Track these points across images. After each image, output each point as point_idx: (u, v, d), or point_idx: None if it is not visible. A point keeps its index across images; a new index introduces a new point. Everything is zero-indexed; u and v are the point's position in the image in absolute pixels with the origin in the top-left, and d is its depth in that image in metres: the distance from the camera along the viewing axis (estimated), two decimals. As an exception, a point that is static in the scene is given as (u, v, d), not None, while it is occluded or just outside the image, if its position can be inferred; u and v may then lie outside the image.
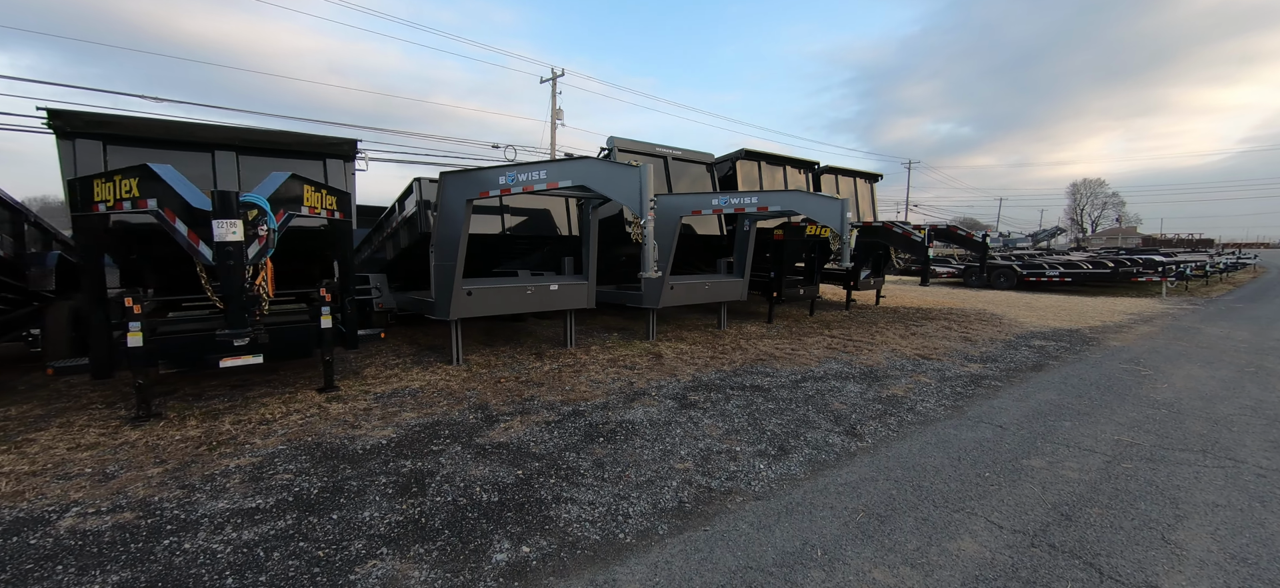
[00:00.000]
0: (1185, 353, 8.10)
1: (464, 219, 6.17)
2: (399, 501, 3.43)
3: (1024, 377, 6.57)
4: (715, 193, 7.43)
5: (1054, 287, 18.15)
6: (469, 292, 6.45)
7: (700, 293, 8.61)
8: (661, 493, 3.53)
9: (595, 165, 5.49)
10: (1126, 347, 8.55)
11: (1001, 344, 8.59)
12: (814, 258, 10.94)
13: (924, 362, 7.25)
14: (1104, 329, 10.22)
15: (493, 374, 6.36)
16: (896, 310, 12.36)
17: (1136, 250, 29.11)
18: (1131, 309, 13.30)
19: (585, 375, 6.31)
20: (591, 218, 7.26)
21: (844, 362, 7.15)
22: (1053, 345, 8.55)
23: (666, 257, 7.85)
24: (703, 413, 5.07)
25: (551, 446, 4.29)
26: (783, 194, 7.26)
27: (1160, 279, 16.19)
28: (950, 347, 8.29)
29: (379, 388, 5.84)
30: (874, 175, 13.83)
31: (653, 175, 5.39)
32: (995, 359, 7.50)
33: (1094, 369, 6.99)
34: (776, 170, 11.06)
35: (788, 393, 5.72)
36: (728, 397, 5.57)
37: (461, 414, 5.01)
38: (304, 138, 5.88)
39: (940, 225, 11.37)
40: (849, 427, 4.74)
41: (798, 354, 7.54)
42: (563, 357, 7.24)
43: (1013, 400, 5.58)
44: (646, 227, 5.35)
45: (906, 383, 6.18)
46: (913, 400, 5.52)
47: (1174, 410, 5.30)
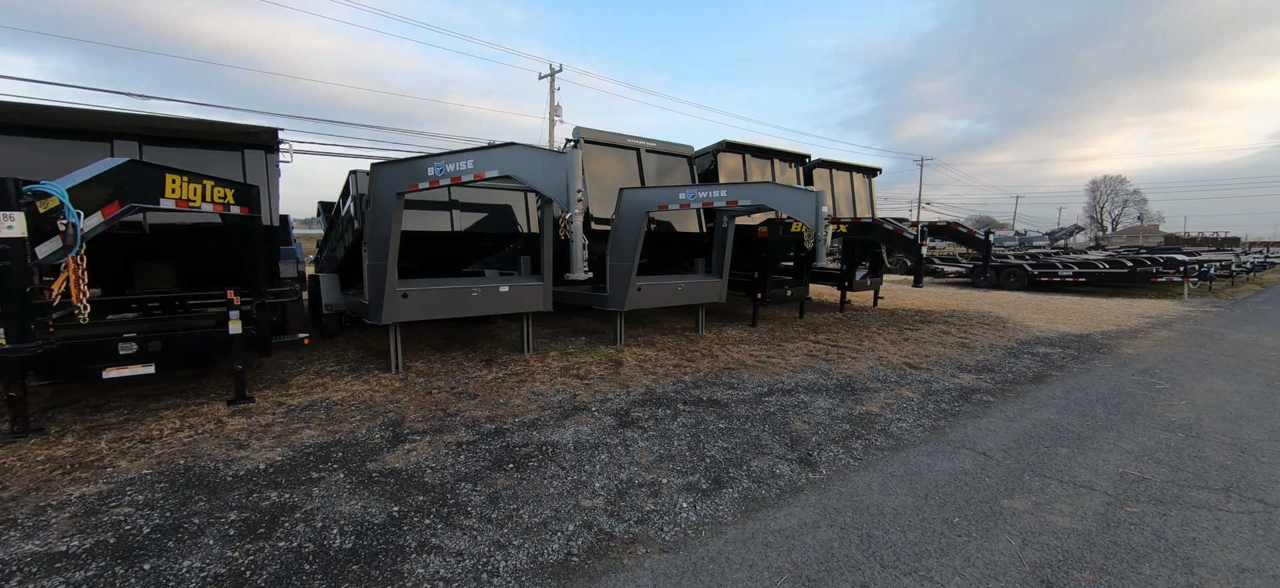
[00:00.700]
0: (1207, 362, 7.24)
1: (395, 214, 5.59)
2: (236, 545, 2.84)
3: (1021, 391, 5.81)
4: (683, 186, 6.78)
5: (1067, 287, 17.12)
6: (404, 294, 5.87)
7: (672, 294, 7.95)
8: (550, 542, 2.89)
9: (521, 153, 4.87)
10: (1141, 355, 7.70)
11: (1001, 352, 7.79)
12: (803, 257, 10.20)
13: (911, 372, 6.51)
14: (1118, 335, 9.35)
15: (429, 385, 5.77)
16: (893, 313, 11.57)
17: (1158, 249, 27.70)
18: (1150, 312, 12.33)
19: (528, 387, 5.70)
20: (547, 213, 6.63)
21: (821, 372, 6.44)
22: (1058, 354, 7.73)
23: (632, 255, 7.20)
24: (641, 434, 4.41)
25: (450, 474, 3.68)
26: (753, 186, 6.58)
27: (1181, 280, 15.12)
28: (944, 354, 7.52)
29: (297, 400, 5.28)
30: (872, 169, 13.02)
31: (581, 164, 4.74)
32: (992, 369, 6.73)
33: (1102, 382, 6.19)
34: (764, 163, 10.34)
35: (746, 409, 5.04)
36: (677, 413, 4.91)
37: (368, 433, 4.42)
38: (216, 126, 5.33)
39: (941, 223, 10.57)
40: (804, 453, 4.06)
41: (772, 362, 6.84)
42: (514, 364, 6.63)
43: (1004, 420, 4.84)
44: (573, 222, 4.70)
45: (885, 397, 5.46)
46: (887, 419, 4.81)
47: (1192, 435, 4.52)
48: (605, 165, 8.10)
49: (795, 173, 10.95)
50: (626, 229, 7.26)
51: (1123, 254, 20.42)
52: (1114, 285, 17.28)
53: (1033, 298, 14.98)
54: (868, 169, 12.92)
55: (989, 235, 10.10)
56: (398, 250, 5.72)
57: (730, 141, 9.56)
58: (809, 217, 6.19)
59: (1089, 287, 17.20)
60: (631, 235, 7.19)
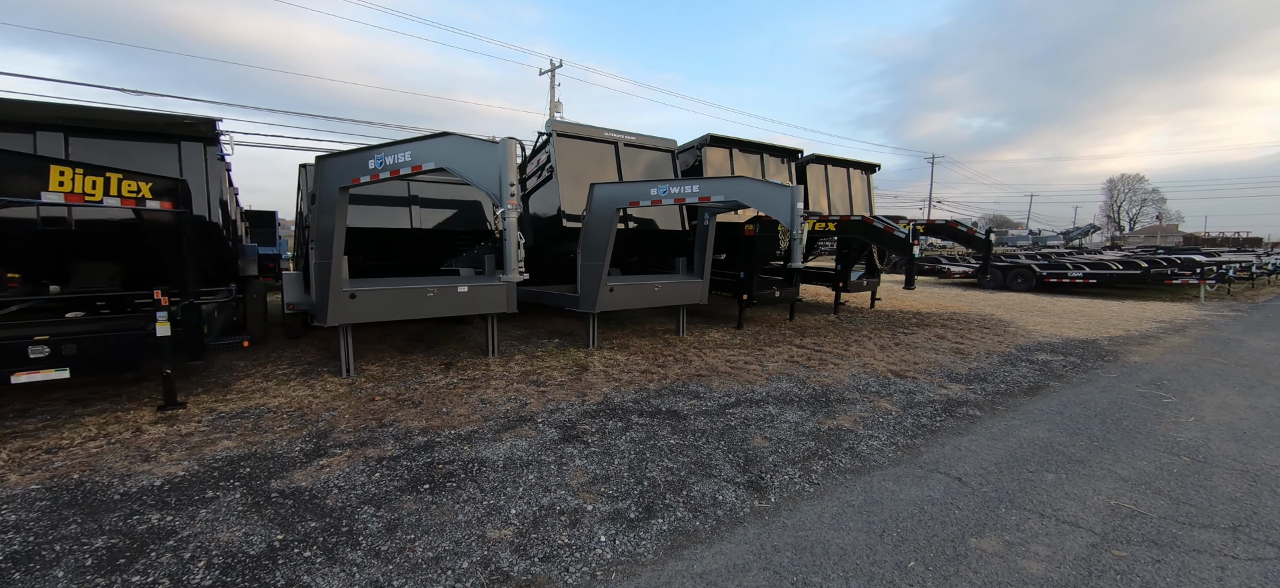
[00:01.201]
0: (1221, 373, 6.67)
1: (340, 209, 5.24)
2: (85, 579, 2.50)
3: (1012, 404, 5.32)
4: (655, 181, 6.36)
5: (1077, 289, 16.41)
6: (352, 294, 5.52)
7: (649, 295, 7.53)
8: (434, 584, 2.50)
9: (456, 144, 4.48)
10: (1149, 363, 7.14)
11: (998, 359, 7.28)
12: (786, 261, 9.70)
13: (895, 381, 6.03)
14: (1125, 340, 8.76)
15: (376, 390, 5.42)
16: (890, 316, 11.04)
17: (1176, 249, 26.67)
18: (1162, 315, 11.67)
19: (479, 394, 5.32)
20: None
21: (798, 380, 5.99)
22: (1059, 361, 7.20)
23: (604, 254, 6.80)
24: (582, 450, 4.02)
25: (356, 495, 3.31)
26: (725, 181, 6.15)
27: (1198, 282, 14.37)
28: (935, 361, 7.03)
29: (231, 405, 4.96)
30: (871, 165, 12.48)
31: (516, 155, 4.33)
32: (984, 378, 6.23)
33: (1103, 394, 5.68)
34: (752, 159, 9.87)
35: (706, 422, 4.62)
36: (629, 427, 4.50)
37: (289, 445, 4.08)
38: (148, 117, 5.02)
39: (939, 221, 10.01)
40: (755, 476, 3.63)
41: (748, 369, 6.40)
42: (474, 369, 6.27)
43: (988, 439, 4.37)
44: (507, 218, 4.30)
45: (861, 410, 5.01)
46: (858, 436, 4.36)
47: (1198, 459, 4.02)
48: (580, 160, 7.70)
49: (787, 169, 10.47)
50: (598, 226, 6.86)
51: (1138, 254, 19.59)
52: (1127, 287, 16.54)
53: (1040, 300, 14.34)
54: (866, 165, 12.38)
55: (990, 234, 9.55)
56: (344, 247, 5.38)
57: (715, 135, 9.11)
58: (784, 213, 5.74)
59: (1100, 289, 16.48)
60: (603, 233, 6.79)
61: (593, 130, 7.88)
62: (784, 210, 5.72)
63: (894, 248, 8.06)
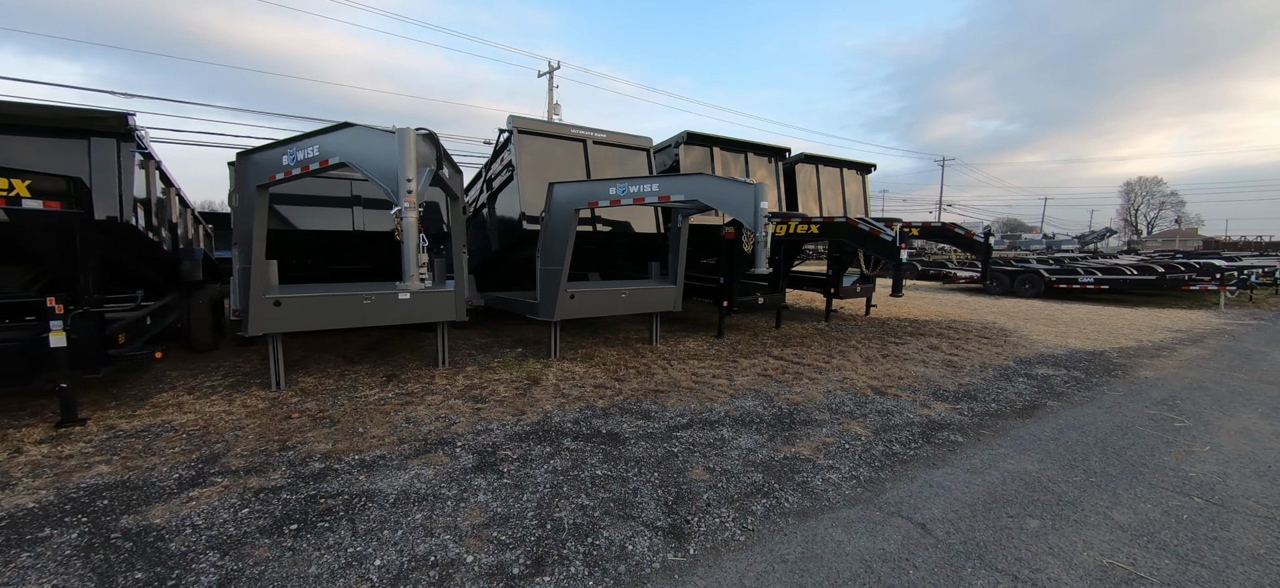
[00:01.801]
0: (1241, 391, 5.96)
1: (258, 209, 4.79)
2: None
3: (1001, 427, 4.70)
4: (612, 181, 5.85)
5: (1088, 295, 15.56)
6: (276, 301, 5.07)
7: (615, 302, 7.00)
8: (230, 672, 1.99)
9: (358, 135, 4.00)
10: (1161, 379, 6.45)
11: (993, 373, 6.63)
12: (779, 260, 9.13)
13: (874, 399, 5.44)
14: (1137, 352, 8.04)
15: (298, 406, 4.96)
16: (884, 324, 10.39)
17: (1195, 254, 25.50)
18: (1179, 324, 10.86)
19: (408, 412, 4.83)
20: (454, 209, 5.78)
21: (765, 397, 5.42)
22: (1061, 376, 6.53)
23: (563, 258, 6.29)
24: (492, 481, 3.50)
25: (210, 536, 2.83)
26: (684, 180, 5.61)
27: (1218, 288, 13.47)
28: (923, 375, 6.40)
29: (136, 422, 4.52)
30: (866, 165, 11.85)
31: (415, 146, 3.82)
32: (974, 396, 5.61)
33: (1106, 416, 5.03)
34: (735, 157, 9.30)
35: (646, 448, 4.07)
36: (557, 452, 3.97)
37: (170, 471, 3.61)
38: (49, 111, 4.60)
39: (936, 223, 9.36)
40: (681, 519, 3.08)
41: (713, 384, 5.84)
42: (416, 381, 5.79)
43: (966, 472, 3.77)
44: (406, 217, 3.79)
45: (827, 435, 4.42)
46: (815, 469, 3.79)
47: (1214, 501, 3.39)
48: (544, 159, 7.20)
49: (774, 168, 9.88)
50: (557, 228, 6.36)
51: (1155, 259, 18.64)
52: (1141, 293, 15.65)
53: (1048, 307, 13.55)
54: (861, 165, 11.75)
55: (989, 237, 8.89)
56: (266, 250, 4.93)
57: (692, 133, 8.55)
58: (746, 214, 5.18)
59: (1112, 295, 15.61)
60: (562, 235, 6.28)
61: (558, 127, 7.38)
62: (746, 211, 5.16)
63: (880, 251, 7.46)
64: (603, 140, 7.78)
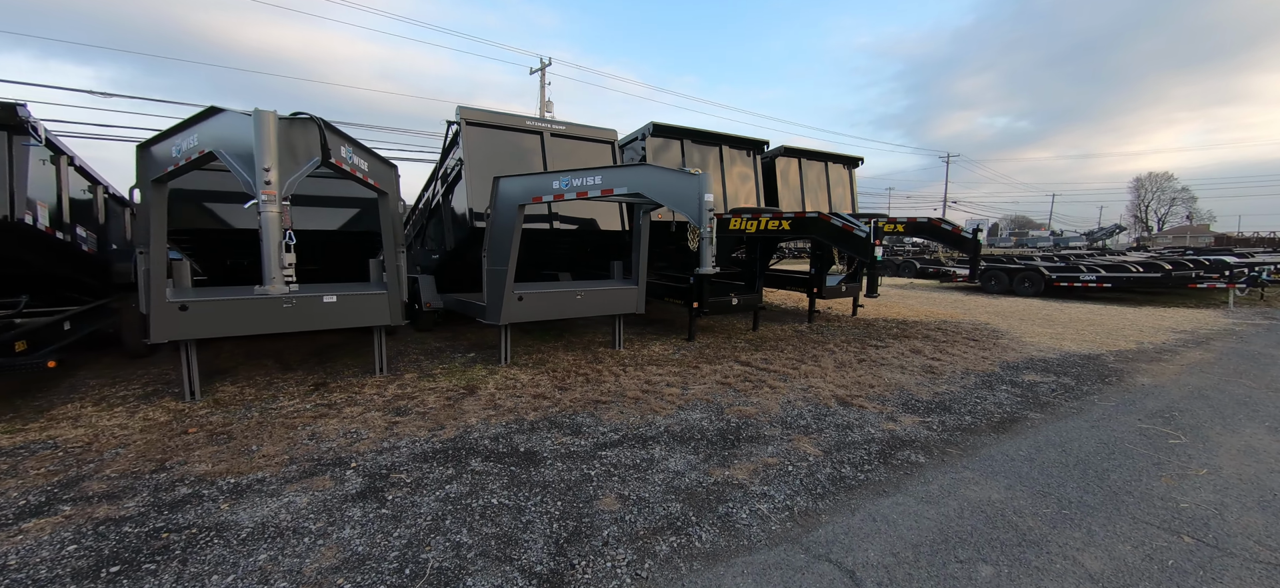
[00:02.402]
0: (1247, 400, 5.38)
1: (156, 205, 4.37)
2: None
3: (971, 445, 4.17)
4: (556, 174, 5.38)
5: (1090, 294, 14.86)
6: (182, 305, 4.64)
7: (569, 305, 6.52)
8: None
9: (227, 121, 3.55)
10: (1159, 387, 5.87)
11: (975, 380, 6.08)
12: (754, 259, 8.61)
13: (836, 411, 4.92)
14: (1135, 356, 7.44)
15: (201, 420, 4.52)
16: (871, 325, 9.83)
17: (1206, 250, 24.57)
18: (1184, 324, 10.20)
19: (318, 425, 4.38)
20: (385, 207, 5.33)
21: (715, 408, 4.92)
22: (1049, 384, 5.97)
23: (508, 257, 5.82)
24: (370, 511, 3.04)
25: (13, 581, 2.39)
26: (627, 171, 5.12)
27: (1227, 286, 12.75)
28: (897, 383, 5.87)
29: (20, 437, 4.11)
30: (854, 159, 11.27)
31: (277, 132, 3.36)
32: (949, 407, 5.07)
33: (1093, 431, 4.48)
34: (707, 150, 8.78)
35: (561, 471, 3.59)
36: (459, 475, 3.50)
37: (20, 496, 3.19)
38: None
39: (922, 219, 8.79)
40: (566, 563, 2.60)
41: (664, 393, 5.35)
42: (345, 390, 5.35)
43: (919, 502, 3.25)
44: (262, 212, 3.33)
45: (771, 454, 3.92)
46: (746, 496, 3.29)
47: (1207, 541, 2.86)
48: (496, 153, 6.73)
49: (751, 162, 9.35)
50: (502, 225, 5.89)
51: (1164, 255, 17.86)
52: (1146, 292, 14.93)
53: (1047, 306, 12.90)
54: (848, 158, 11.18)
55: (977, 233, 8.31)
56: (165, 249, 4.50)
57: (659, 124, 8.03)
58: (689, 207, 4.68)
59: (1116, 294, 14.91)
60: (507, 233, 5.81)
61: (511, 118, 6.90)
62: (689, 204, 4.66)
63: (853, 249, 6.93)
64: (562, 133, 7.30)
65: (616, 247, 8.11)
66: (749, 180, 9.27)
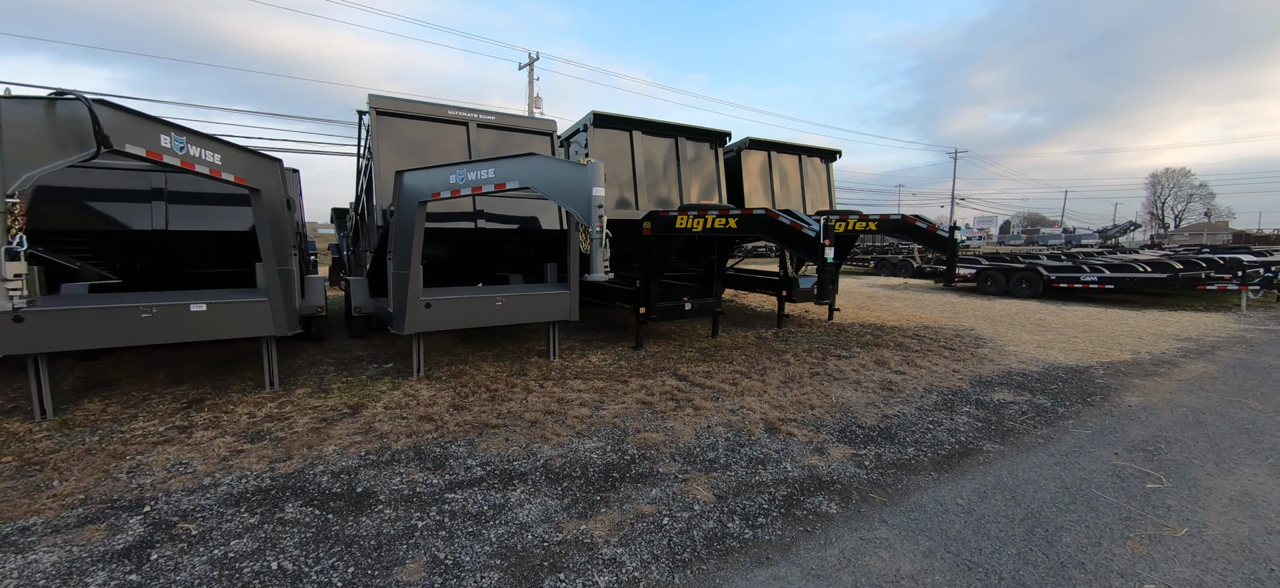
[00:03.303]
0: (1250, 426, 4.56)
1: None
2: None
3: (904, 488, 3.44)
4: (455, 165, 4.72)
5: (1092, 296, 13.88)
6: (16, 316, 4.06)
7: (488, 311, 5.86)
8: None
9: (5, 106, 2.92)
10: (1150, 408, 5.06)
11: (936, 399, 5.32)
12: (712, 259, 7.88)
13: (758, 439, 4.21)
14: (1129, 369, 6.60)
15: (26, 446, 3.95)
16: (845, 330, 9.04)
17: (1223, 248, 23.23)
18: (1189, 330, 9.27)
19: (140, 458, 3.78)
20: (257, 202, 4.72)
21: (620, 434, 4.23)
22: (1021, 404, 5.19)
23: (409, 258, 5.18)
24: (114, 577, 2.41)
25: None
26: (518, 162, 4.44)
27: (1239, 287, 11.72)
28: (846, 402, 5.14)
29: None
30: (830, 152, 10.48)
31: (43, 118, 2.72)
32: (893, 435, 4.33)
33: (1057, 471, 3.72)
34: (659, 142, 8.07)
35: (386, 518, 2.94)
36: (261, 525, 2.87)
37: None
38: None
39: (895, 215, 7.99)
40: (291, 676, 1.93)
41: (572, 414, 4.68)
42: (216, 410, 4.75)
43: (804, 576, 2.55)
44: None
45: (651, 499, 3.23)
46: (590, 562, 2.61)
47: (1171, 650, 2.11)
48: (414, 146, 6.09)
49: (713, 155, 8.62)
50: (405, 224, 5.25)
51: (1177, 254, 16.74)
52: (1153, 294, 13.91)
53: (1044, 309, 11.97)
54: (825, 151, 10.38)
55: (954, 231, 7.50)
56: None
57: (602, 114, 7.33)
58: (578, 203, 3.99)
59: (1120, 295, 13.90)
60: (410, 232, 5.17)
61: (431, 107, 6.25)
62: (578, 199, 3.97)
63: (801, 250, 6.18)
64: (492, 123, 6.64)
65: (556, 248, 7.45)
66: (709, 175, 8.54)
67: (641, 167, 7.65)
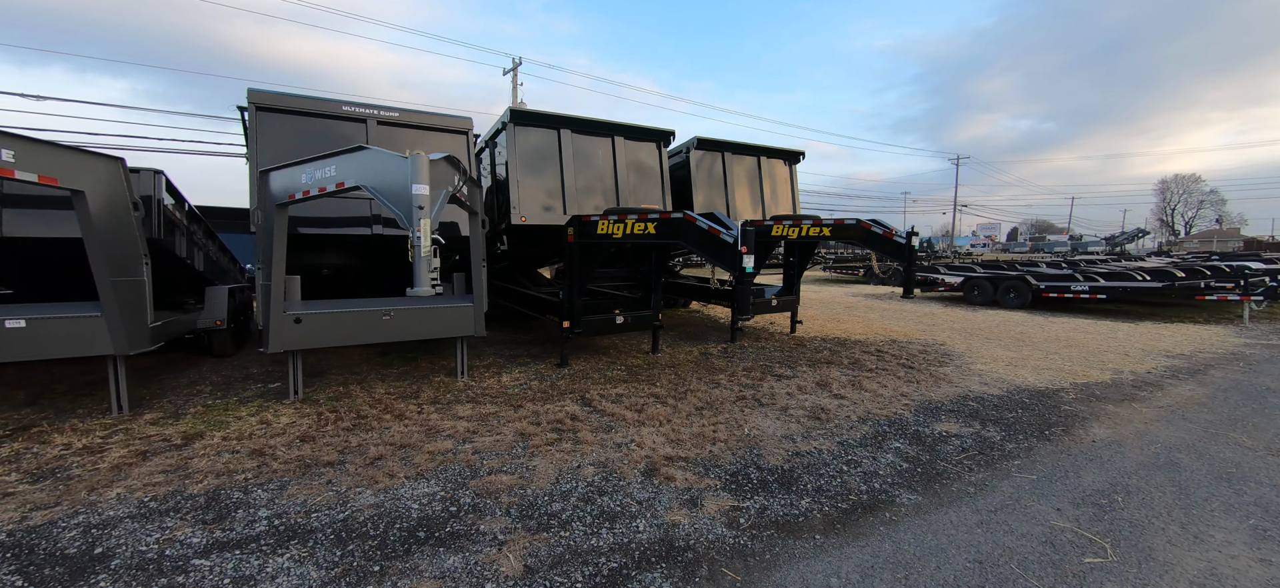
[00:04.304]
0: (1232, 471, 3.77)
1: None
2: None
3: (769, 559, 2.72)
4: (305, 163, 4.11)
5: (1084, 306, 12.96)
6: None
7: (372, 327, 5.22)
8: None
9: None
10: (1116, 444, 4.28)
11: (868, 431, 4.57)
12: (649, 269, 7.18)
13: (624, 485, 3.51)
14: (1104, 392, 5.79)
15: None
16: (802, 345, 8.29)
17: (1233, 255, 22.02)
18: (1182, 346, 8.39)
19: (-108, 500, 3.16)
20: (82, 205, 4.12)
21: (463, 477, 3.55)
22: (964, 438, 4.43)
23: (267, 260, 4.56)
24: None
25: None
26: (351, 157, 3.78)
27: (1241, 298, 10.76)
28: (758, 434, 4.41)
29: None
30: (793, 153, 9.75)
31: None
32: (793, 479, 3.61)
33: (976, 535, 2.97)
34: (594, 141, 7.40)
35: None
36: (-92, 616, 2.22)
37: None
38: None
39: (849, 220, 7.25)
40: None
41: (423, 449, 4.01)
42: (34, 440, 4.15)
43: (574, 703, 1.83)
44: None
45: (440, 572, 2.54)
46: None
47: None
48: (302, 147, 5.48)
49: (657, 157, 7.93)
50: (266, 229, 4.64)
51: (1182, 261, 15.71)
52: (1150, 304, 12.95)
53: (1028, 321, 11.10)
54: (787, 153, 9.66)
55: (911, 237, 6.73)
56: None
57: (520, 110, 6.67)
58: (401, 203, 3.34)
59: (1114, 306, 12.96)
60: (270, 238, 4.55)
61: (320, 103, 5.65)
62: (400, 198, 3.32)
63: (718, 258, 5.47)
64: (394, 120, 6.02)
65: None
66: (652, 178, 7.86)
67: (571, 169, 6.99)
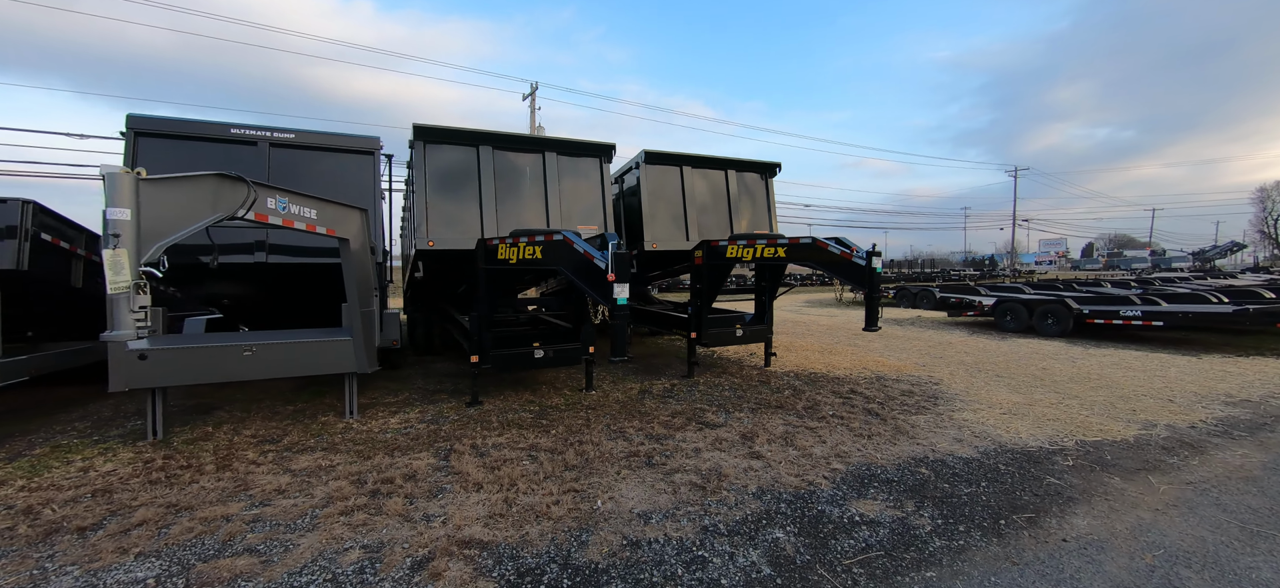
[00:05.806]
0: (1262, 617, 2.47)
1: None
2: None
3: None
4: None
5: (1136, 335, 10.90)
6: None
7: (232, 364, 4.69)
8: None
9: None
10: (1097, 547, 3.03)
11: (753, 509, 3.54)
12: (575, 298, 6.37)
13: (378, 584, 2.70)
14: (1120, 455, 4.39)
15: None
16: (765, 381, 7.17)
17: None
18: (1253, 389, 6.59)
19: None
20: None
21: (211, 551, 2.86)
22: (877, 529, 3.31)
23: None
24: None
25: None
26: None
27: (1344, 330, 8.56)
28: (608, 511, 3.49)
29: None
30: (768, 166, 8.69)
31: None
32: None
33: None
34: (524, 158, 6.70)
35: None
36: None
37: None
38: None
39: (804, 239, 6.15)
40: None
41: (200, 514, 3.36)
42: None
43: None
44: None
45: None
46: None
47: None
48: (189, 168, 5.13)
49: (598, 172, 7.14)
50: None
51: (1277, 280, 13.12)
52: (1226, 331, 10.73)
53: (1063, 352, 9.32)
54: (763, 165, 8.62)
55: (872, 256, 5.54)
56: None
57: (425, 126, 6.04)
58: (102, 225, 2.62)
59: (1176, 334, 10.82)
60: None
61: (206, 127, 5.28)
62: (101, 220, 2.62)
63: (590, 286, 4.54)
64: (290, 142, 5.59)
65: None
66: (591, 197, 7.08)
67: (491, 189, 6.34)
